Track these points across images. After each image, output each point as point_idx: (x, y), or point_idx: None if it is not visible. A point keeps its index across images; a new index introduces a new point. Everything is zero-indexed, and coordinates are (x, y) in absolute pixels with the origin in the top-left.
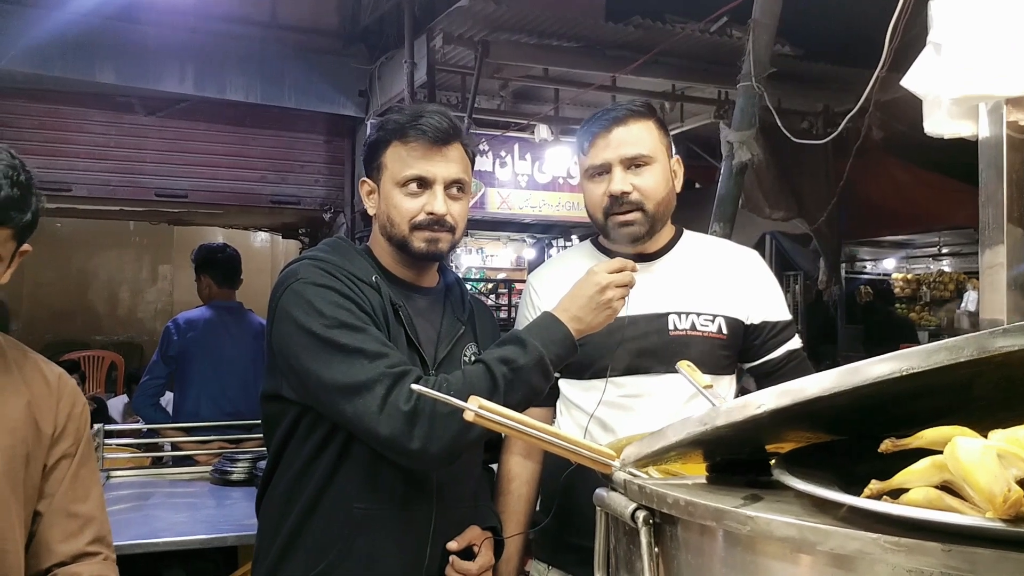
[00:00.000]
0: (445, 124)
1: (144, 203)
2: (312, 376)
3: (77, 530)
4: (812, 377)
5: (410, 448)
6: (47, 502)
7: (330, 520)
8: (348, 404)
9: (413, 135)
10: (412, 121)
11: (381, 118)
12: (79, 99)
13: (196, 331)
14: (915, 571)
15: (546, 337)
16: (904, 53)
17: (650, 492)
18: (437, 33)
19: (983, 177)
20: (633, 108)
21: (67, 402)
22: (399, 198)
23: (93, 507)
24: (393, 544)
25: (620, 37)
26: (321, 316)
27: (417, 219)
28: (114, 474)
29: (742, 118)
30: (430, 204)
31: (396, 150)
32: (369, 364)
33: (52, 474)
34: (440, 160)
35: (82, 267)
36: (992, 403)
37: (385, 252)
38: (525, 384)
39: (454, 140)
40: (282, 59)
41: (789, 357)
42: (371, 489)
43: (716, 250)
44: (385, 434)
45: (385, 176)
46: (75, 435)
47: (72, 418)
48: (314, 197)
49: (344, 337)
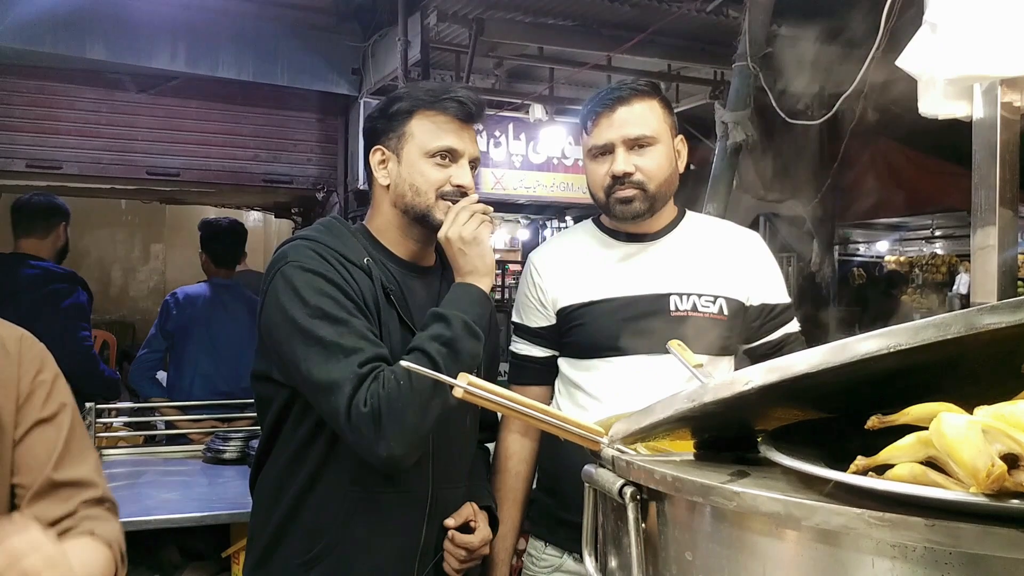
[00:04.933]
0: (478, 100)
1: (136, 181)
2: (293, 366)
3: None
4: (800, 354)
5: (380, 455)
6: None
7: (325, 502)
8: (323, 400)
9: (449, 107)
10: (446, 93)
11: (400, 90)
12: (70, 76)
13: (195, 308)
14: (899, 546)
15: (461, 303)
16: (900, 33)
17: (638, 468)
18: (431, 11)
19: (976, 158)
20: (637, 87)
21: (30, 367)
22: (427, 167)
23: (88, 471)
24: (389, 525)
25: (616, 16)
26: (305, 305)
27: (444, 189)
28: (106, 452)
29: (737, 98)
30: (457, 176)
31: (426, 120)
32: (343, 360)
33: (25, 443)
34: (467, 136)
35: (73, 246)
36: (980, 381)
37: (391, 227)
38: (462, 353)
39: (481, 119)
40: (275, 36)
41: (786, 339)
42: (366, 471)
43: (718, 231)
44: (353, 439)
45: (411, 145)
46: (46, 399)
47: (41, 384)
48: (307, 176)
49: (323, 329)
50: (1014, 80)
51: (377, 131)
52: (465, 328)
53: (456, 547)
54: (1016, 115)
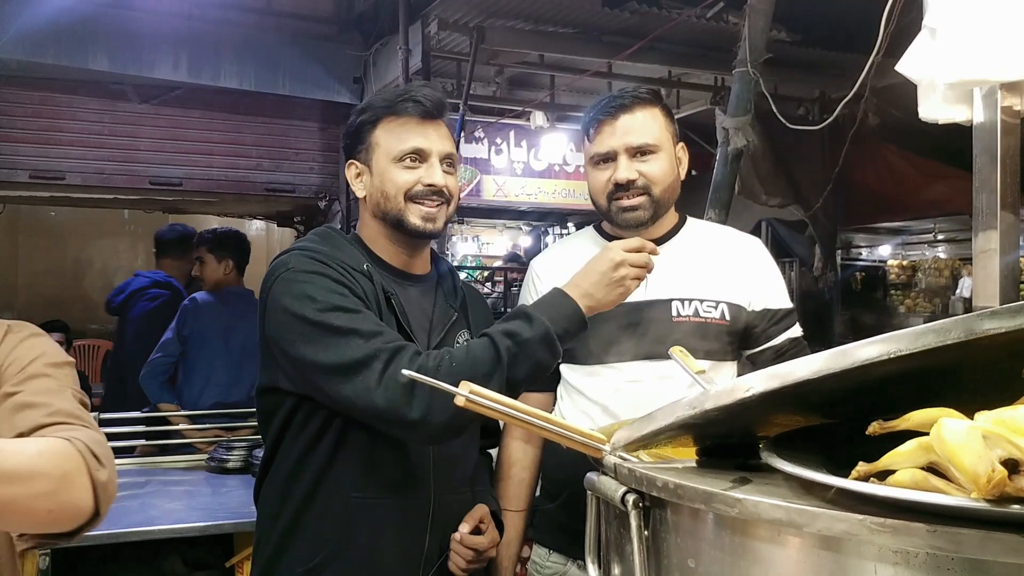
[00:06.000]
0: (437, 95)
1: (138, 191)
2: (307, 362)
3: (30, 413)
4: (801, 360)
5: (410, 418)
6: None
7: (328, 510)
8: (346, 384)
9: (408, 108)
10: (402, 95)
11: (364, 102)
12: (73, 87)
13: (212, 315)
14: (901, 552)
15: (554, 312)
16: (899, 38)
17: (640, 475)
18: (432, 19)
19: (977, 162)
20: (639, 95)
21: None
22: (395, 172)
23: (52, 399)
24: (392, 533)
25: (616, 23)
26: (313, 301)
27: (413, 190)
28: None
29: (738, 104)
30: (427, 176)
31: (388, 126)
32: (365, 343)
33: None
34: (433, 133)
35: (77, 256)
36: (980, 386)
37: (378, 236)
38: (530, 358)
39: (444, 113)
40: (277, 46)
41: (789, 345)
42: (368, 478)
43: (719, 237)
44: (383, 406)
45: (378, 154)
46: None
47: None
48: (309, 185)
49: (338, 319)
50: (1014, 84)
51: (349, 146)
52: (544, 339)
53: (464, 548)
54: (1016, 119)
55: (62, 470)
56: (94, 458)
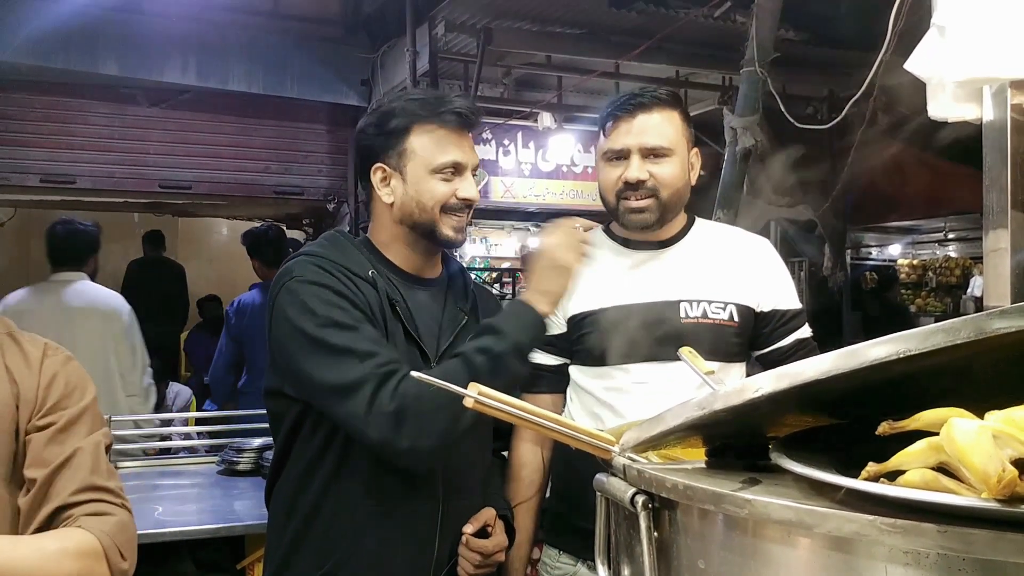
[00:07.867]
0: (475, 108)
1: (148, 195)
2: (305, 376)
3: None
4: (810, 360)
5: (400, 448)
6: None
7: (337, 517)
8: (339, 405)
9: (448, 119)
10: (443, 105)
11: (391, 103)
12: (82, 91)
13: (252, 315)
14: (911, 552)
15: (518, 323)
16: (908, 36)
17: (649, 477)
18: (439, 21)
19: (987, 161)
20: (660, 96)
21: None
22: (433, 183)
23: (86, 459)
24: (401, 539)
25: (623, 23)
26: (313, 315)
27: (449, 203)
28: (121, 464)
29: (745, 104)
30: (463, 190)
31: (425, 134)
32: (358, 364)
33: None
34: (467, 145)
35: None
36: (991, 385)
37: (395, 240)
38: (505, 371)
39: (478, 126)
40: (284, 48)
41: (798, 345)
42: (377, 485)
43: (727, 238)
44: (374, 437)
45: (415, 162)
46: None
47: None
48: (318, 187)
49: (334, 336)
50: (1023, 82)
51: (375, 148)
52: (515, 350)
53: (470, 551)
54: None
55: (82, 573)
56: (117, 552)
